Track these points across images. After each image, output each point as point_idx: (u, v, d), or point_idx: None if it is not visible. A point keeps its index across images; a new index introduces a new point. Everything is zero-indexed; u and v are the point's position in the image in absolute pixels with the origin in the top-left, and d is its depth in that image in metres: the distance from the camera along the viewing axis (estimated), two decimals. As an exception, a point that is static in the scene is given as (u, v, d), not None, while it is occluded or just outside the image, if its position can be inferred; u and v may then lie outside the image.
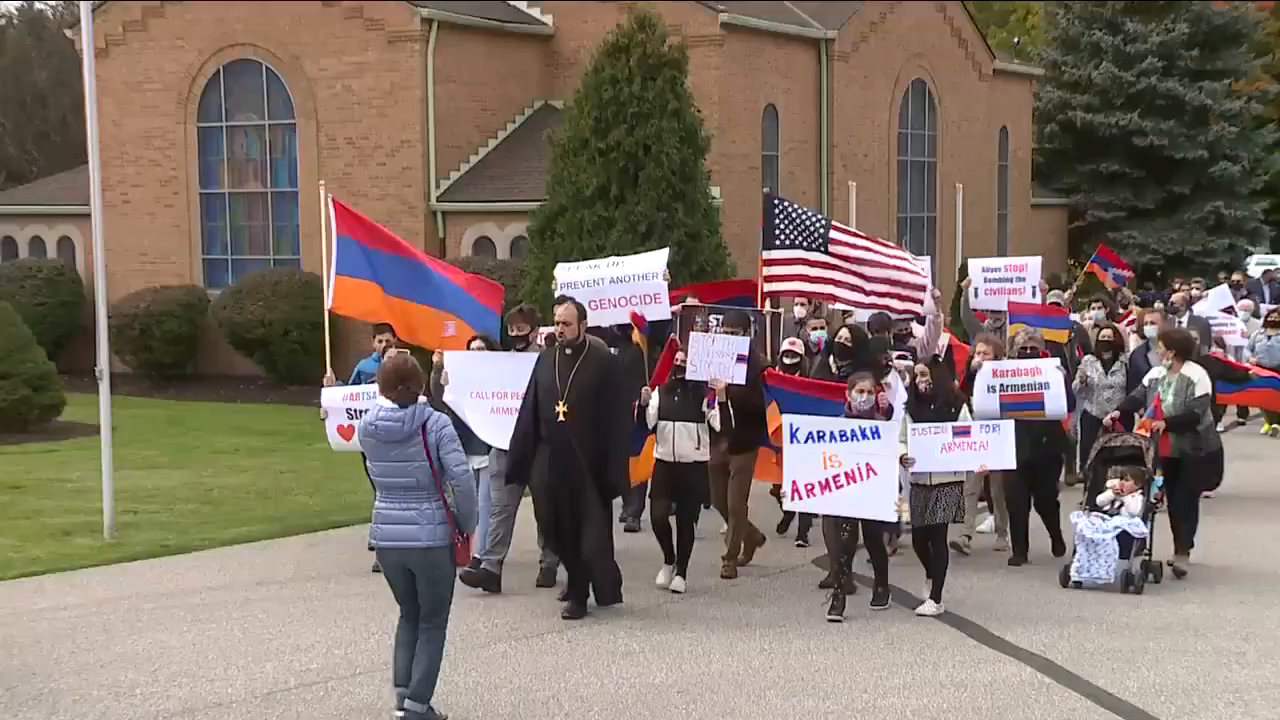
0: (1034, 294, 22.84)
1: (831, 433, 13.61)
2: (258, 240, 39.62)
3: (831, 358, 16.24)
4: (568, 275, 18.32)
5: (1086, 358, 18.94)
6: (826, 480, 13.48)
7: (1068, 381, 16.47)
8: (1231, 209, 55.58)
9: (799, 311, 20.57)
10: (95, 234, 19.37)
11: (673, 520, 14.88)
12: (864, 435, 13.49)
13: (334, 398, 15.88)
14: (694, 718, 10.86)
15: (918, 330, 18.64)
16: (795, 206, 18.65)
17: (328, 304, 16.63)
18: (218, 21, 39.50)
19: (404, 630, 10.63)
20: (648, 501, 16.24)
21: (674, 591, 14.71)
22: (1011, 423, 14.42)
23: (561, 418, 13.63)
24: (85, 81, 19.43)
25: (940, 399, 14.35)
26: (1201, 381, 15.49)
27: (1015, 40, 69.12)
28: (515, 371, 14.61)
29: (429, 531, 10.33)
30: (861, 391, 13.91)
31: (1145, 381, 15.91)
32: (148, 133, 39.89)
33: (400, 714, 10.43)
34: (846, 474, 13.42)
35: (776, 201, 18.33)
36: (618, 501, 16.33)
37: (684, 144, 29.59)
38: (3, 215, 44.38)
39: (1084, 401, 18.49)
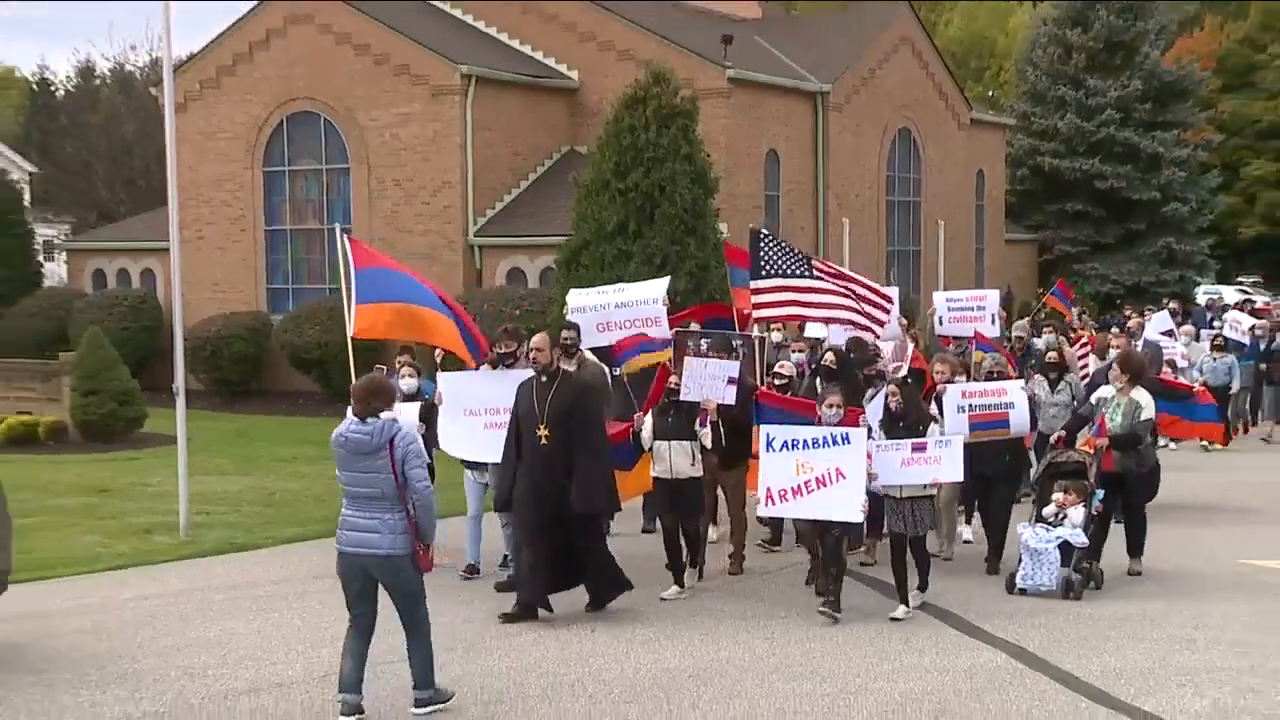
0: (993, 321, 23.21)
1: (804, 441, 13.21)
2: (315, 271, 39.73)
3: (818, 379, 15.90)
4: (578, 300, 18.33)
5: (1036, 378, 18.54)
6: (798, 486, 13.08)
7: (1030, 402, 16.16)
8: (1181, 244, 56.37)
9: (775, 336, 20.42)
10: (173, 267, 19.51)
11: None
12: (835, 441, 13.10)
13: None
14: (705, 699, 10.85)
15: (885, 351, 18.58)
16: (780, 241, 18.30)
17: (350, 331, 16.15)
18: (282, 79, 39.72)
19: (352, 640, 10.23)
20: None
21: (664, 598, 14.22)
22: (961, 439, 14.02)
23: (544, 441, 13.18)
24: (166, 133, 19.54)
25: (910, 418, 13.91)
26: (1148, 406, 15.11)
27: (990, 94, 69.13)
28: (505, 389, 14.16)
29: (390, 540, 10.01)
30: (831, 406, 13.61)
31: (1093, 400, 15.54)
32: (220, 177, 40.09)
33: (415, 711, 10.32)
34: (817, 479, 13.02)
35: (762, 235, 17.94)
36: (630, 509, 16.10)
37: (695, 185, 29.61)
38: (94, 250, 44.77)
39: None
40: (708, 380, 14.45)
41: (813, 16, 69.08)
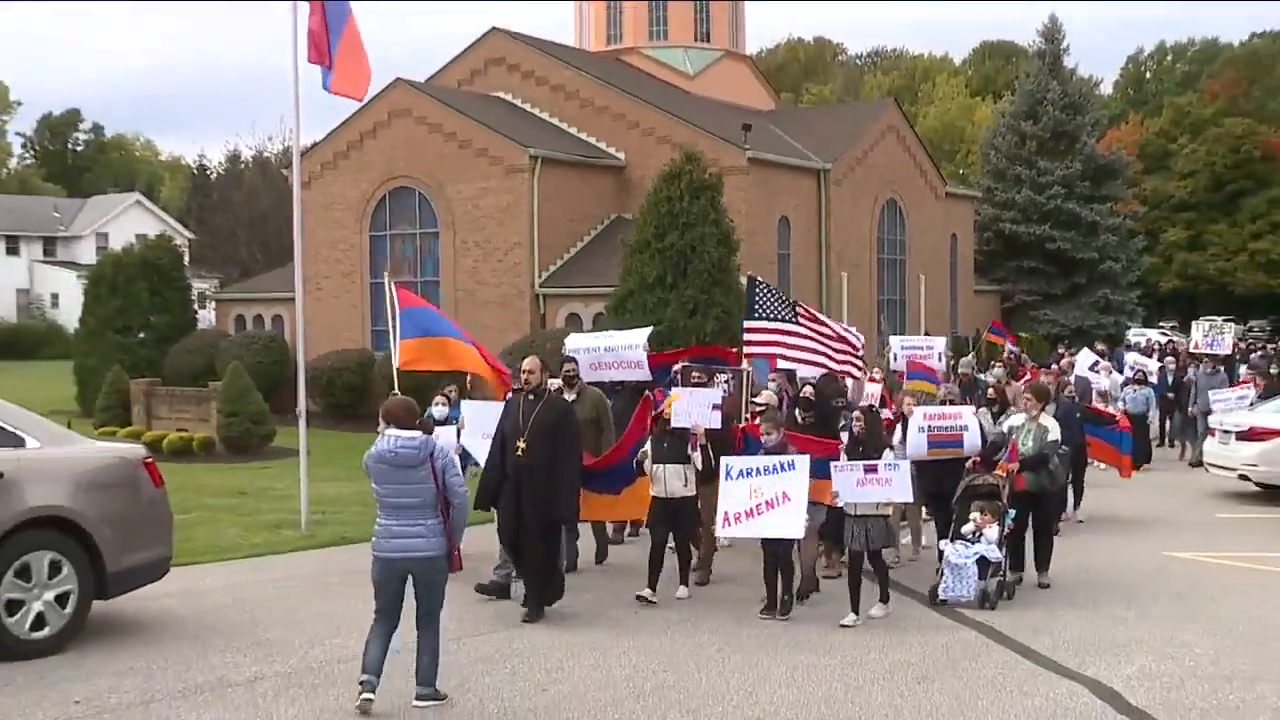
0: (940, 359, 23.36)
1: (757, 469, 12.48)
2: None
3: (797, 410, 15.17)
4: (574, 343, 17.89)
5: (980, 410, 17.22)
6: (751, 509, 12.30)
7: (981, 425, 15.13)
8: (1115, 295, 57.05)
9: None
10: (297, 312, 19.59)
11: (669, 547, 13.73)
12: (782, 468, 12.38)
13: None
14: (729, 666, 10.82)
15: (850, 385, 18.00)
16: (771, 288, 17.68)
17: (395, 364, 15.53)
18: (386, 160, 39.97)
19: (380, 630, 9.44)
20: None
21: (678, 598, 13.43)
22: (908, 462, 13.21)
23: (520, 453, 12.33)
24: (294, 205, 19.69)
25: (871, 442, 13.23)
26: (1054, 429, 14.33)
27: (960, 172, 69.21)
28: None
29: (434, 544, 9.40)
30: (767, 433, 12.96)
31: (1004, 429, 14.58)
32: (335, 240, 40.35)
33: (417, 704, 9.51)
34: (767, 502, 12.25)
35: (758, 283, 17.40)
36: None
37: (720, 245, 29.71)
38: (236, 300, 45.24)
39: None
40: (695, 408, 13.73)
41: (815, 108, 69.21)
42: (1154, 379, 27.96)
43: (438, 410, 15.87)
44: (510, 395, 13.35)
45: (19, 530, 10.81)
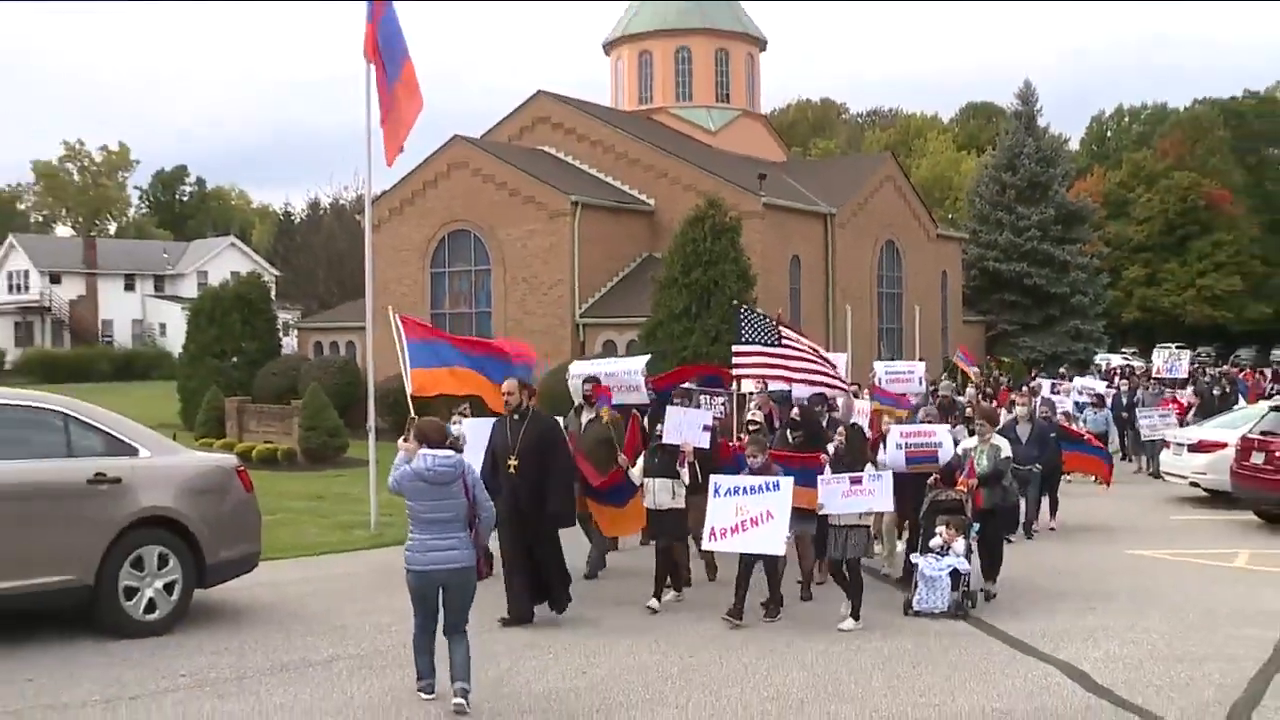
0: (920, 383, 22.66)
1: (744, 488, 11.80)
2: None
3: (788, 430, 14.36)
4: (578, 368, 17.04)
5: (958, 427, 16.83)
6: (736, 525, 11.64)
7: (955, 443, 14.33)
8: (1084, 325, 57.18)
9: (745, 387, 18.41)
10: (368, 340, 19.65)
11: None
12: (767, 488, 11.71)
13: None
14: (747, 654, 10.80)
15: (840, 404, 17.09)
16: (757, 314, 16.88)
17: (409, 390, 14.80)
18: (445, 207, 40.17)
19: (424, 638, 9.11)
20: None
21: (649, 609, 12.48)
22: (890, 474, 12.42)
23: (512, 470, 11.66)
24: (366, 246, 19.77)
25: (853, 456, 12.60)
26: (1006, 447, 13.82)
27: (949, 216, 69.13)
28: None
29: (466, 554, 8.97)
30: (752, 455, 12.24)
31: (960, 450, 13.78)
32: (400, 276, 40.47)
33: (457, 701, 8.83)
34: (751, 519, 11.59)
35: (743, 310, 16.73)
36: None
37: (739, 281, 29.71)
38: (315, 329, 45.50)
39: None
40: (686, 426, 13.04)
41: (822, 160, 69.16)
42: (1107, 400, 27.80)
43: (454, 428, 15.16)
44: (498, 417, 12.48)
45: (134, 528, 10.96)
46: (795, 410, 14.63)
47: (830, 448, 13.31)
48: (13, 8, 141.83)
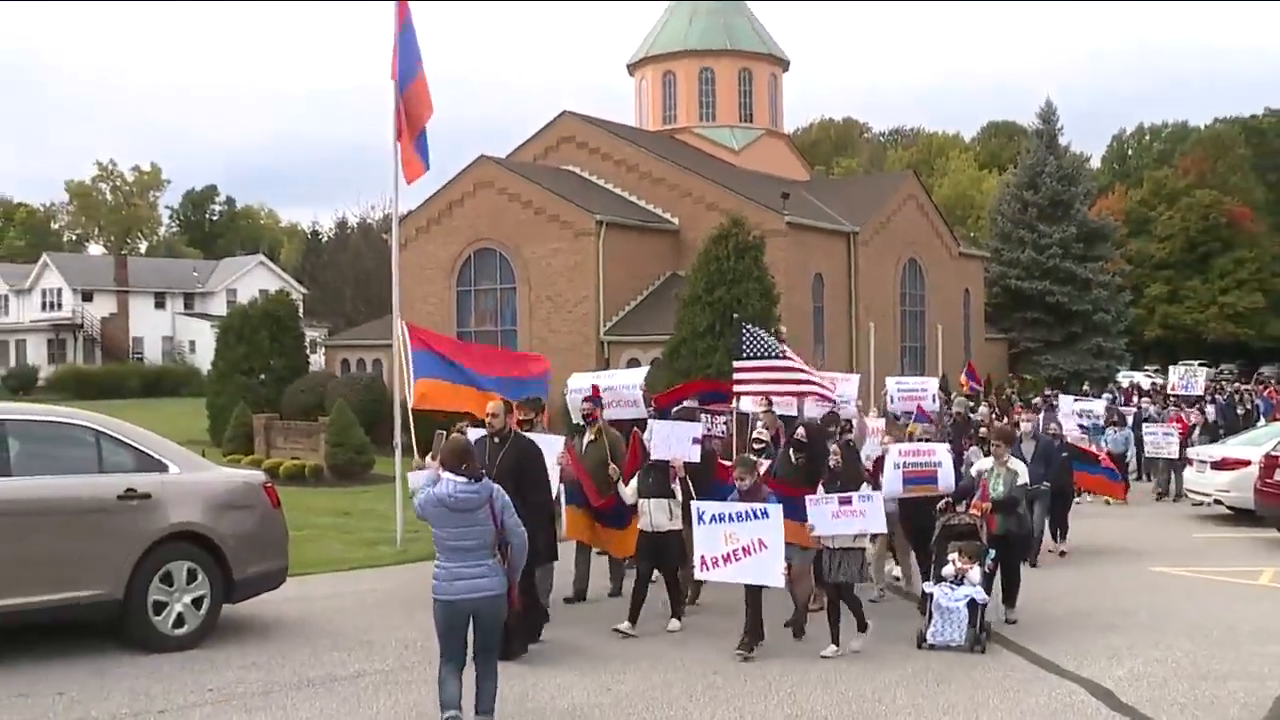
0: (933, 400, 21.67)
1: (730, 515, 11.04)
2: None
3: (790, 450, 13.15)
4: (576, 382, 16.30)
5: (973, 447, 15.88)
6: (728, 554, 10.94)
7: (955, 464, 13.63)
8: (1106, 343, 56.80)
9: (746, 405, 16.48)
10: (395, 357, 19.63)
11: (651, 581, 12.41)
12: (756, 515, 10.95)
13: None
14: (770, 672, 10.77)
15: (855, 424, 16.34)
16: (758, 330, 15.89)
17: (410, 404, 14.28)
18: (471, 226, 40.31)
19: (451, 668, 8.54)
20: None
21: (670, 631, 12.14)
22: (880, 495, 11.93)
23: None
24: (393, 265, 19.83)
25: (848, 476, 11.98)
26: (1022, 472, 12.90)
27: (971, 235, 68.94)
28: None
29: (496, 583, 8.46)
30: (740, 478, 11.46)
31: (973, 473, 13.09)
32: (427, 294, 40.60)
33: None
34: (743, 548, 10.88)
35: (744, 325, 15.81)
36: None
37: (762, 299, 29.68)
38: (342, 346, 45.70)
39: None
40: (674, 440, 12.44)
41: (845, 179, 69.17)
42: (1101, 422, 25.78)
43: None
44: (478, 439, 11.44)
45: (163, 543, 11.00)
46: (801, 429, 13.48)
47: (831, 461, 12.35)
48: (49, 32, 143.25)
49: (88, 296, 79.27)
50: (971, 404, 23.81)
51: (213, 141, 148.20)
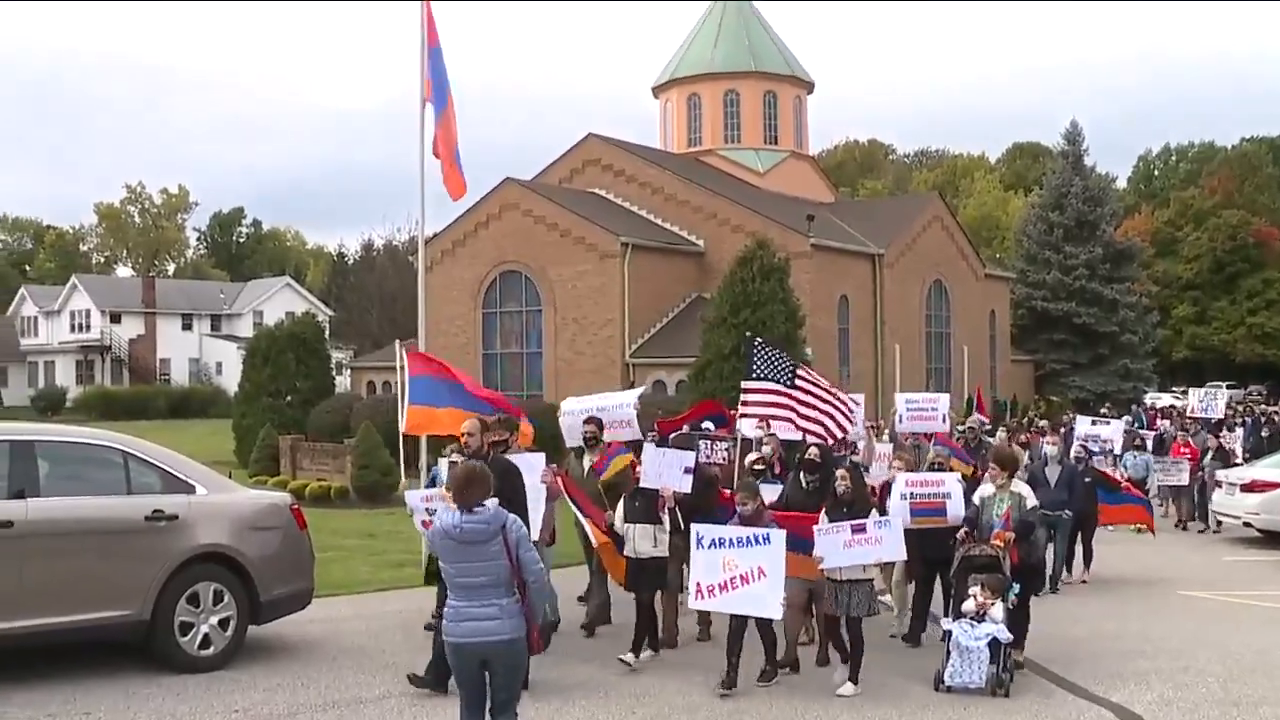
0: (944, 420, 19.63)
1: (730, 540, 10.31)
2: (517, 381, 40.16)
3: (801, 473, 12.43)
4: (569, 405, 15.72)
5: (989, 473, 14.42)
6: (724, 582, 10.25)
7: (967, 493, 12.43)
8: (1133, 364, 56.96)
9: (744, 427, 15.46)
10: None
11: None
12: (757, 541, 10.22)
13: (414, 499, 12.37)
14: (797, 695, 10.70)
15: (860, 446, 15.88)
16: (771, 350, 15.23)
17: (402, 428, 13.49)
18: (496, 248, 40.46)
19: (469, 714, 7.71)
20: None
21: (624, 661, 11.38)
22: (900, 519, 11.21)
23: None
24: (419, 287, 19.83)
25: (855, 502, 10.97)
26: (1030, 496, 11.68)
27: (997, 256, 68.85)
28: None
29: (510, 625, 7.43)
30: (742, 502, 10.83)
31: (976, 500, 11.86)
32: (453, 316, 40.77)
33: None
34: (741, 576, 10.14)
35: (756, 343, 15.12)
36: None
37: (787, 321, 29.69)
38: (368, 368, 46.08)
39: None
40: (665, 469, 11.87)
41: (870, 201, 69.14)
42: (1111, 447, 24.17)
43: (443, 468, 12.87)
44: (451, 461, 10.89)
45: (190, 564, 11.02)
46: (814, 449, 12.78)
47: (839, 486, 11.24)
48: (78, 57, 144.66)
49: (116, 318, 79.87)
50: (987, 425, 22.71)
51: (240, 164, 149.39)
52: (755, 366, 14.76)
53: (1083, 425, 23.52)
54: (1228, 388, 47.29)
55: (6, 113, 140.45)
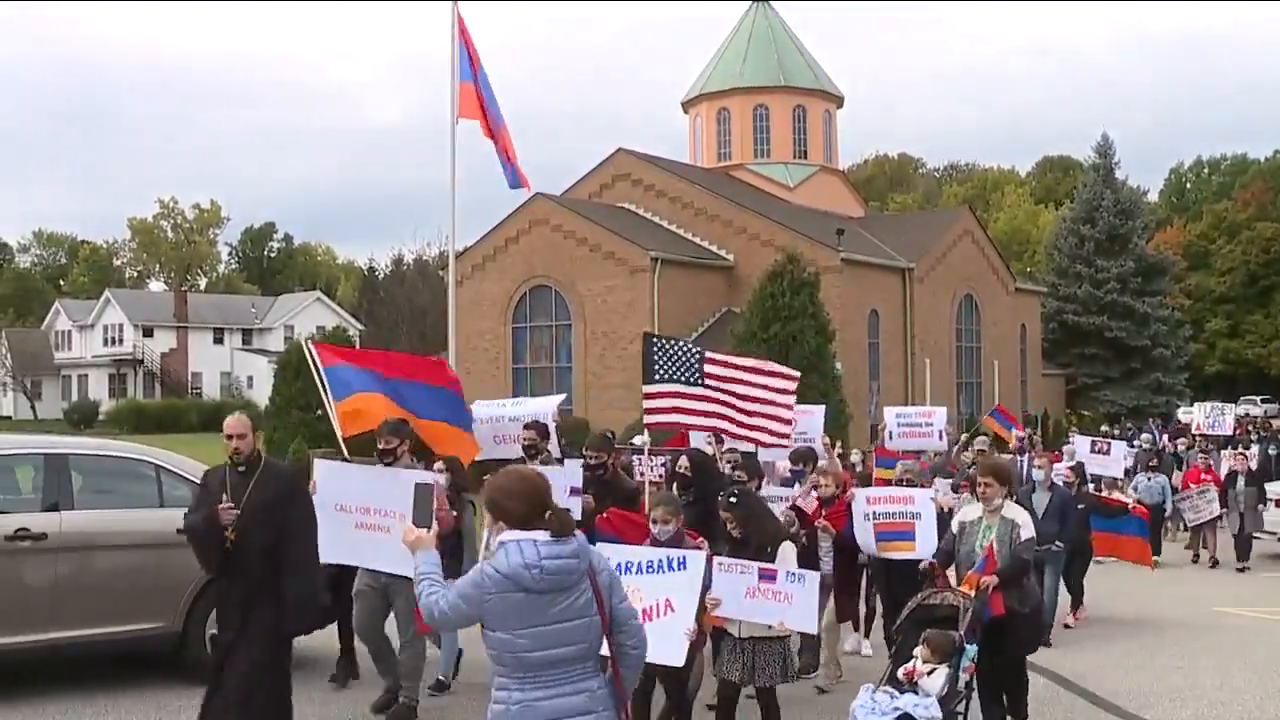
0: (940, 437, 18.11)
1: (639, 564, 7.53)
2: (547, 394, 40.14)
3: (674, 487, 10.38)
4: (479, 410, 12.79)
5: (965, 494, 12.46)
6: None
7: (940, 516, 10.54)
8: (1166, 378, 56.66)
9: (639, 440, 13.19)
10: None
11: None
12: (669, 566, 7.51)
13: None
14: (809, 712, 10.57)
15: (823, 464, 12.75)
16: (674, 343, 12.29)
17: (339, 434, 10.64)
18: (526, 263, 40.55)
19: None
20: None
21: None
22: (817, 577, 8.21)
23: (228, 545, 8.12)
24: (449, 301, 19.93)
25: (752, 543, 8.26)
26: (1027, 524, 8.92)
27: (1027, 270, 68.58)
28: (380, 488, 9.35)
29: (607, 718, 4.81)
30: (655, 521, 8.21)
31: (954, 528, 9.27)
32: (482, 330, 40.88)
33: None
34: (644, 610, 7.09)
35: (655, 340, 12.24)
36: None
37: (817, 335, 29.67)
38: (396, 381, 45.77)
39: None
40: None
41: (900, 215, 69.03)
42: (1108, 470, 20.09)
43: (440, 476, 10.41)
44: (208, 470, 9.05)
45: (219, 578, 11.04)
46: (684, 460, 10.62)
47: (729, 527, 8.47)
48: (113, 74, 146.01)
49: (148, 332, 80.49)
50: (990, 444, 19.21)
51: (272, 179, 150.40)
52: (656, 366, 11.98)
53: (1082, 446, 20.45)
54: (1262, 401, 46.91)
55: (42, 128, 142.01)
